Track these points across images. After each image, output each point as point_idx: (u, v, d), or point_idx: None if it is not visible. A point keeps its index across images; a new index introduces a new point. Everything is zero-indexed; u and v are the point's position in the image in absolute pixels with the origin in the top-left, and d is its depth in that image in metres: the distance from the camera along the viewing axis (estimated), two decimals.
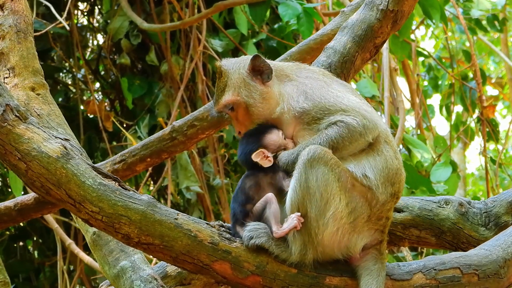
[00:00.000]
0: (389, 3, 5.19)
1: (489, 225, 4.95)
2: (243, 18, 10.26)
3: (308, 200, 4.04)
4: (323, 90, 4.30)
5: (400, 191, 4.27)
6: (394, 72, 11.04)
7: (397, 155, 4.29)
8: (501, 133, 14.01)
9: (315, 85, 4.34)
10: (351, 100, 4.27)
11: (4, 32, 5.36)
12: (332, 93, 4.29)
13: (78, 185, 3.95)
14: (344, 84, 4.47)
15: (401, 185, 4.26)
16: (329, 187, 4.03)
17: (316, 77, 4.41)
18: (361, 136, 4.15)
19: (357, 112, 4.19)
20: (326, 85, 4.34)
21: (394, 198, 4.22)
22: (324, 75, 4.47)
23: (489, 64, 20.29)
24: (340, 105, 4.22)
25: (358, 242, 4.15)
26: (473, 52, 11.29)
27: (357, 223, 4.11)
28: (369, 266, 4.16)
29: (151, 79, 10.91)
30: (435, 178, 9.78)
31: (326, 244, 4.09)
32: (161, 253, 4.02)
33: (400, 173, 4.25)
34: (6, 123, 3.98)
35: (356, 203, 4.10)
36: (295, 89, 4.35)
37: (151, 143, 6.22)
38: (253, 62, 4.38)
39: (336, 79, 4.51)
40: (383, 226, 4.22)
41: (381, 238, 4.23)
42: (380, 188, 4.15)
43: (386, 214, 4.20)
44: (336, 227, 4.07)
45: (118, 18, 10.52)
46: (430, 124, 12.40)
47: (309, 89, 4.31)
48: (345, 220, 4.08)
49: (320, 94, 4.28)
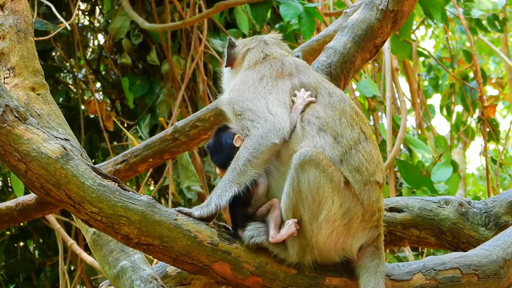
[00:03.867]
0: (389, 3, 5.19)
1: (489, 225, 4.95)
2: (244, 18, 10.26)
3: (301, 204, 4.04)
4: (248, 86, 4.35)
5: (382, 176, 4.26)
6: (396, 72, 11.04)
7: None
8: (501, 133, 14.00)
9: (249, 78, 4.40)
10: (269, 107, 4.25)
11: (4, 32, 5.36)
12: (254, 93, 4.31)
13: (77, 186, 3.95)
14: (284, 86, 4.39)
15: (381, 170, 4.24)
16: (321, 189, 4.04)
17: (260, 71, 4.44)
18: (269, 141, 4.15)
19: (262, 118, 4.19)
20: (257, 82, 4.37)
21: (377, 186, 4.20)
22: (273, 69, 4.46)
23: (489, 64, 20.27)
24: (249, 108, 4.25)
25: (354, 244, 4.14)
26: (473, 52, 11.28)
27: (352, 225, 4.11)
28: (366, 264, 4.16)
29: (152, 79, 10.92)
30: (435, 178, 9.77)
31: (321, 246, 4.09)
32: (160, 253, 4.03)
33: (379, 160, 4.24)
34: (5, 124, 3.99)
35: (349, 203, 4.10)
36: (233, 81, 4.48)
37: (153, 144, 6.23)
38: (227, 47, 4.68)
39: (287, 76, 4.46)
40: (377, 221, 4.20)
41: (377, 233, 4.21)
42: (368, 185, 4.14)
43: (377, 206, 4.17)
44: (330, 230, 4.07)
45: (119, 18, 10.53)
46: (430, 124, 12.39)
47: (240, 82, 4.40)
48: (339, 222, 4.07)
49: (243, 89, 4.34)
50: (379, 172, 4.22)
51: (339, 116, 4.23)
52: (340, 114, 4.24)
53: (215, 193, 4.13)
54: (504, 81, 17.47)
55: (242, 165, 4.11)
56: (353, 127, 4.22)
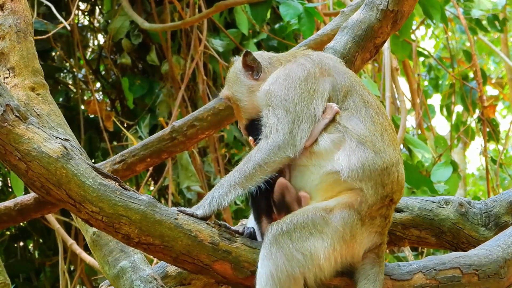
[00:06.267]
0: (389, 3, 5.20)
1: (489, 225, 4.95)
2: (244, 18, 10.26)
3: (294, 263, 3.97)
4: (294, 85, 4.25)
5: (399, 198, 4.25)
6: (396, 72, 11.04)
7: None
8: (501, 133, 14.00)
9: (293, 74, 4.30)
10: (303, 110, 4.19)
11: (4, 32, 5.36)
12: (299, 95, 4.22)
13: (78, 185, 3.95)
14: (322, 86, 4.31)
15: (401, 193, 4.23)
16: (305, 244, 3.98)
17: (304, 65, 4.34)
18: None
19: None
20: (303, 82, 4.27)
21: (391, 203, 4.18)
22: (315, 64, 4.37)
23: (489, 64, 20.28)
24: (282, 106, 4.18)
25: (360, 249, 4.11)
26: (473, 52, 11.28)
27: (355, 233, 4.07)
28: (366, 270, 4.13)
29: (152, 79, 10.92)
30: (435, 178, 9.77)
31: (327, 272, 4.05)
32: (161, 253, 4.03)
33: (403, 184, 4.23)
34: (6, 123, 3.98)
35: (342, 222, 4.04)
36: (276, 74, 4.36)
37: (151, 143, 6.22)
38: (243, 59, 4.47)
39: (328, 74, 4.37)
40: (380, 227, 4.17)
41: (380, 241, 4.19)
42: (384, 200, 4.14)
43: (376, 213, 4.13)
44: (334, 258, 4.04)
45: (119, 18, 10.53)
46: (430, 124, 12.39)
47: (284, 76, 4.29)
48: (341, 244, 4.03)
49: (288, 86, 4.24)
50: (399, 194, 4.21)
51: (380, 133, 4.20)
52: (381, 130, 4.21)
53: (218, 192, 4.11)
54: (504, 81, 17.47)
55: (252, 168, 4.08)
56: (395, 148, 4.22)
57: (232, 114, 5.99)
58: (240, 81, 4.49)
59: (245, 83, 4.47)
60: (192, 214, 4.09)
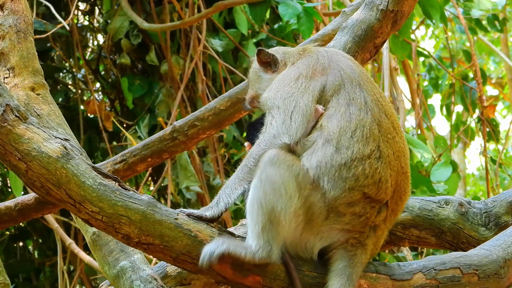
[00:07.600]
0: (389, 3, 5.20)
1: (489, 225, 4.96)
2: (243, 18, 10.26)
3: (268, 200, 4.00)
4: (284, 85, 4.33)
5: (377, 193, 4.17)
6: (395, 71, 11.04)
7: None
8: (501, 133, 14.01)
9: (286, 77, 4.39)
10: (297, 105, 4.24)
11: (4, 32, 5.36)
12: (288, 93, 4.29)
13: (78, 185, 3.95)
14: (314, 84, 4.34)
15: (379, 188, 4.17)
16: (284, 185, 4.02)
17: (299, 68, 4.41)
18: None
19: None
20: (292, 82, 4.34)
21: (364, 198, 4.12)
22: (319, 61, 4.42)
23: (489, 64, 20.30)
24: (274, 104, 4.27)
25: (316, 243, 4.11)
26: (473, 52, 11.28)
27: (314, 223, 4.08)
28: (334, 266, 4.11)
29: (151, 79, 10.92)
30: (435, 178, 9.77)
31: (289, 242, 4.07)
32: (161, 253, 4.03)
33: (382, 180, 4.17)
34: (6, 123, 3.98)
35: (313, 199, 4.07)
36: (278, 78, 4.47)
37: (152, 143, 6.21)
38: (258, 57, 4.63)
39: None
40: (351, 225, 4.12)
41: (347, 237, 4.13)
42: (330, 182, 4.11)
43: (346, 210, 4.09)
44: (295, 224, 4.04)
45: (118, 18, 10.53)
46: (430, 124, 12.39)
47: (278, 81, 4.41)
48: (302, 218, 4.05)
49: (279, 87, 4.34)
50: (374, 189, 4.12)
51: (354, 129, 4.16)
52: (356, 126, 4.17)
53: (224, 192, 4.14)
54: (504, 81, 17.47)
55: (253, 161, 4.13)
56: (367, 143, 4.15)
57: (233, 114, 5.99)
58: (261, 77, 4.65)
59: (265, 78, 4.61)
60: (200, 216, 4.10)
